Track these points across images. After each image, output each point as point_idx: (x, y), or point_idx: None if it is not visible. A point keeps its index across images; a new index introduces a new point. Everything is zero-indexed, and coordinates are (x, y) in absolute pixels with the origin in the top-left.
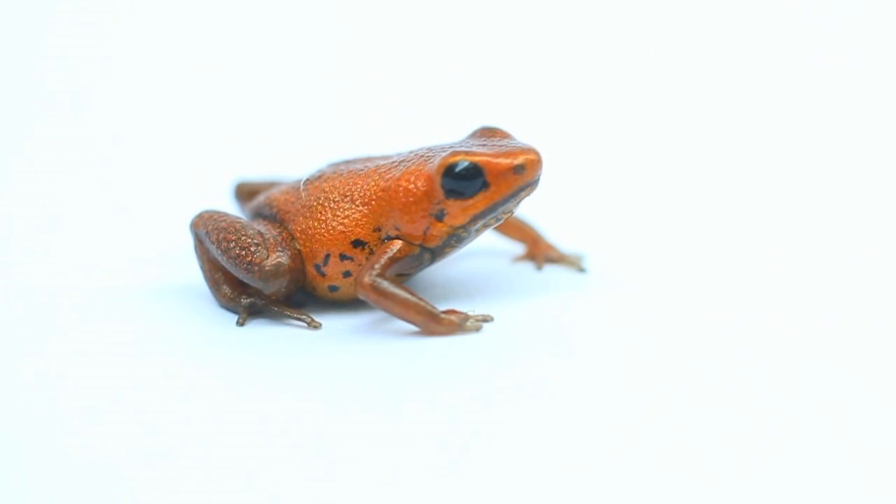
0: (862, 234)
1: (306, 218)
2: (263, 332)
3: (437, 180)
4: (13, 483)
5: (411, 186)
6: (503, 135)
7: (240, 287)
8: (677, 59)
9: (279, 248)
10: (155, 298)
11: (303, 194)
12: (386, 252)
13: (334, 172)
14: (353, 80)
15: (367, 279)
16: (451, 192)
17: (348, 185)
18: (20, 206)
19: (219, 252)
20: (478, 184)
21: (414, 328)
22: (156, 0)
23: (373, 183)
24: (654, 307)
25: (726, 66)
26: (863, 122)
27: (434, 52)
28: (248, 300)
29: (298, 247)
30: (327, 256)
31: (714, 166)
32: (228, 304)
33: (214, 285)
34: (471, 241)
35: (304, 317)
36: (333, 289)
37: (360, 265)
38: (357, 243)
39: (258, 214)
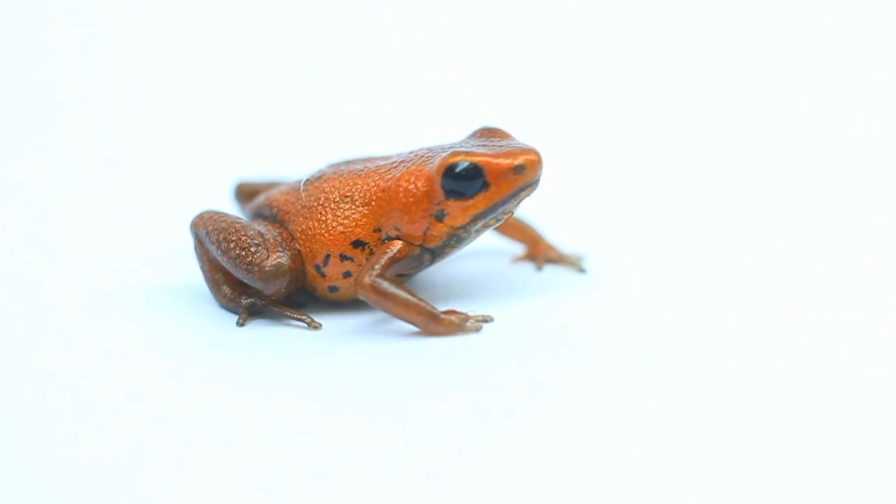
0: (862, 233)
1: (306, 218)
2: (263, 333)
3: (437, 181)
4: (13, 483)
5: (411, 187)
6: (503, 135)
7: (240, 287)
8: (677, 59)
9: (279, 249)
10: (155, 298)
11: (303, 195)
12: (386, 252)
13: (334, 173)
14: (353, 81)
15: (367, 280)
16: (452, 193)
17: (348, 185)
18: (20, 205)
19: (219, 252)
20: (478, 184)
21: (414, 329)
22: (156, 1)
23: (373, 183)
24: (655, 307)
25: (726, 65)
26: (862, 122)
27: (434, 52)
28: (249, 300)
29: (298, 247)
30: (327, 257)
31: (714, 166)
32: (228, 305)
33: (214, 286)
34: (471, 241)
35: (304, 317)
36: (333, 289)
37: (360, 266)
38: (357, 244)
39: (258, 215)
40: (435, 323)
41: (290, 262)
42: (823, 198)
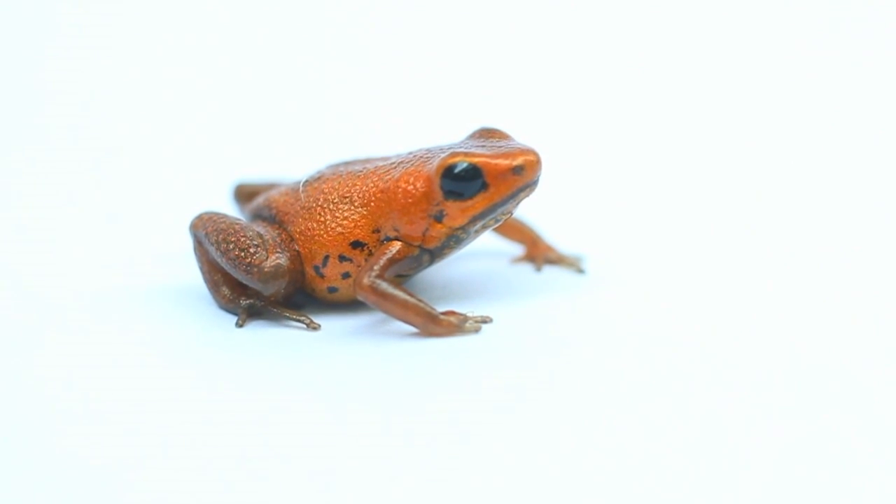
0: (861, 234)
1: (305, 219)
2: (262, 334)
3: (436, 181)
4: (13, 483)
5: (410, 188)
6: (502, 136)
7: (239, 288)
8: (676, 60)
9: (278, 250)
10: (154, 300)
11: (302, 196)
12: (385, 253)
13: (333, 174)
14: (352, 81)
15: (366, 280)
16: (451, 194)
17: (347, 186)
18: (21, 206)
19: (218, 253)
20: (477, 185)
21: (413, 329)
22: (155, 1)
23: (372, 184)
24: (654, 308)
25: (725, 66)
26: (861, 123)
27: (433, 53)
28: (248, 301)
29: (297, 248)
30: (326, 258)
31: (713, 167)
32: (228, 306)
33: (214, 287)
34: (470, 242)
35: (303, 318)
36: (332, 290)
37: (359, 266)
38: (356, 244)
39: (257, 216)
40: (434, 324)
41: (289, 263)
42: (823, 200)
